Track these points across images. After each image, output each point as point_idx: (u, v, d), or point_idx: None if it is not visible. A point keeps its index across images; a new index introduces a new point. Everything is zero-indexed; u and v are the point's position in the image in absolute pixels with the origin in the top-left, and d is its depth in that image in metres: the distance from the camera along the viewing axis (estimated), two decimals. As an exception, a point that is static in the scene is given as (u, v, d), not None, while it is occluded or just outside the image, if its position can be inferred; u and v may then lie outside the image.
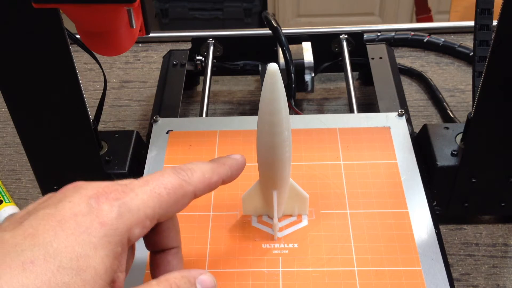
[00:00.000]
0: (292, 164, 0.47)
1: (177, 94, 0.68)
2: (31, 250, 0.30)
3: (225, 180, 0.41)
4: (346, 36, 0.73)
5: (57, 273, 0.29)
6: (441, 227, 0.56)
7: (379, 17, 2.02)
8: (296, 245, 0.49)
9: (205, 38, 0.75)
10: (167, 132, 0.60)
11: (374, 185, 0.54)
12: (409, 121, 0.61)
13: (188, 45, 0.76)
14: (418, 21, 1.49)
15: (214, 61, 0.74)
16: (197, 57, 0.74)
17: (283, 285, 0.47)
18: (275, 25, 0.67)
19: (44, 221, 0.31)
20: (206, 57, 0.73)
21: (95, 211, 0.32)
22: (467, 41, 0.82)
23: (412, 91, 0.77)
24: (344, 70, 0.71)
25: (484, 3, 0.54)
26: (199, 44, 0.75)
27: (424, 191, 0.53)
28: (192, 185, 0.38)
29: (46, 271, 0.29)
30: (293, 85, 0.67)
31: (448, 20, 1.32)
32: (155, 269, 0.40)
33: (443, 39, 0.82)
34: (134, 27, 0.42)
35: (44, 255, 0.30)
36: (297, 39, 0.73)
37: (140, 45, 0.87)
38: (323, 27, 0.84)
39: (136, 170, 0.58)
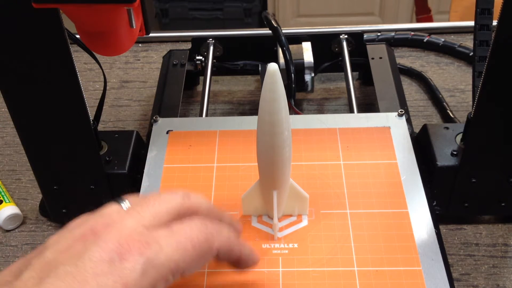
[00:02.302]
0: (292, 164, 0.47)
1: (177, 94, 0.68)
2: None
3: (236, 259, 0.40)
4: (346, 36, 0.73)
5: None
6: (441, 227, 0.56)
7: (379, 17, 2.02)
8: (296, 245, 0.49)
9: (205, 38, 0.75)
10: (167, 132, 0.60)
11: (374, 185, 0.54)
12: (409, 121, 0.61)
13: (188, 45, 0.75)
14: (418, 21, 1.49)
15: (214, 61, 0.74)
16: (197, 57, 0.74)
17: (283, 285, 0.47)
18: (275, 25, 0.67)
19: (65, 282, 0.30)
20: (206, 57, 0.73)
21: (117, 270, 0.31)
22: (467, 41, 0.82)
23: (412, 91, 0.77)
24: (344, 70, 0.71)
25: (484, 3, 0.54)
26: (199, 44, 0.75)
27: (424, 191, 0.53)
28: (217, 242, 0.36)
29: None
30: (293, 85, 0.67)
31: (448, 20, 1.32)
32: None
33: (443, 39, 0.82)
34: (134, 27, 0.42)
35: None
36: (297, 39, 0.73)
37: (140, 45, 0.87)
38: (323, 27, 0.84)
39: (136, 170, 0.58)
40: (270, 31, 0.68)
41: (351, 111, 0.64)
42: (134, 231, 0.33)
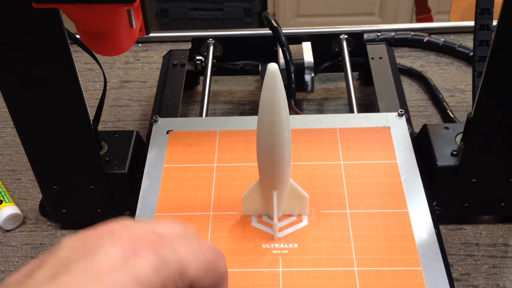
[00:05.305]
0: (292, 164, 0.47)
1: (177, 94, 0.68)
2: None
3: None
4: (346, 36, 0.73)
5: None
6: (441, 227, 0.56)
7: (379, 17, 2.02)
8: (296, 245, 0.49)
9: (205, 38, 0.75)
10: (167, 132, 0.60)
11: (374, 185, 0.54)
12: (409, 121, 0.61)
13: (188, 45, 0.75)
14: (418, 21, 1.49)
15: (214, 61, 0.74)
16: (197, 57, 0.74)
17: (283, 285, 0.47)
18: (275, 25, 0.67)
19: (79, 278, 0.30)
20: (206, 57, 0.73)
21: (131, 265, 0.31)
22: (467, 41, 0.82)
23: (412, 91, 0.77)
24: (344, 70, 0.71)
25: (484, 3, 0.54)
26: (199, 44, 0.75)
27: (424, 191, 0.53)
28: (222, 266, 0.37)
29: None
30: (293, 85, 0.67)
31: (448, 20, 1.32)
32: None
33: (443, 39, 0.82)
34: (134, 27, 0.42)
35: None
36: (297, 39, 0.73)
37: (140, 45, 0.87)
38: (323, 27, 0.84)
39: (136, 170, 0.58)
40: (270, 31, 0.68)
41: (351, 111, 0.64)
42: (148, 232, 0.34)
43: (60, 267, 0.31)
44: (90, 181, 0.56)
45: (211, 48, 0.74)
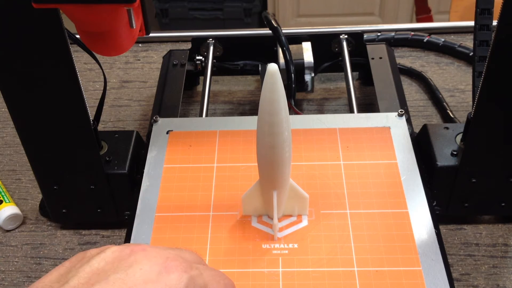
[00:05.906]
0: (292, 164, 0.47)
1: (177, 94, 0.68)
2: None
3: None
4: (346, 36, 0.73)
5: None
6: (441, 227, 0.56)
7: (379, 17, 2.02)
8: (296, 245, 0.49)
9: (205, 38, 0.75)
10: (167, 132, 0.60)
11: (374, 185, 0.54)
12: (409, 121, 0.61)
13: (188, 45, 0.75)
14: (418, 21, 1.49)
15: (214, 61, 0.74)
16: (197, 57, 0.74)
17: (283, 285, 0.47)
18: (275, 25, 0.67)
19: (115, 286, 0.32)
20: (206, 57, 0.73)
21: (165, 280, 0.34)
22: (467, 41, 0.82)
23: (412, 91, 0.77)
24: (344, 70, 0.71)
25: (484, 3, 0.54)
26: (199, 44, 0.75)
27: (424, 191, 0.53)
28: None
29: None
30: (293, 85, 0.67)
31: (448, 20, 1.32)
32: None
33: (443, 39, 0.82)
34: (134, 27, 0.42)
35: None
36: (297, 39, 0.73)
37: (140, 45, 0.87)
38: (323, 27, 0.84)
39: (136, 170, 0.58)
40: (270, 31, 0.68)
41: (351, 111, 0.64)
42: (176, 255, 0.37)
43: (95, 277, 0.33)
44: (90, 181, 0.56)
45: (211, 48, 0.74)
